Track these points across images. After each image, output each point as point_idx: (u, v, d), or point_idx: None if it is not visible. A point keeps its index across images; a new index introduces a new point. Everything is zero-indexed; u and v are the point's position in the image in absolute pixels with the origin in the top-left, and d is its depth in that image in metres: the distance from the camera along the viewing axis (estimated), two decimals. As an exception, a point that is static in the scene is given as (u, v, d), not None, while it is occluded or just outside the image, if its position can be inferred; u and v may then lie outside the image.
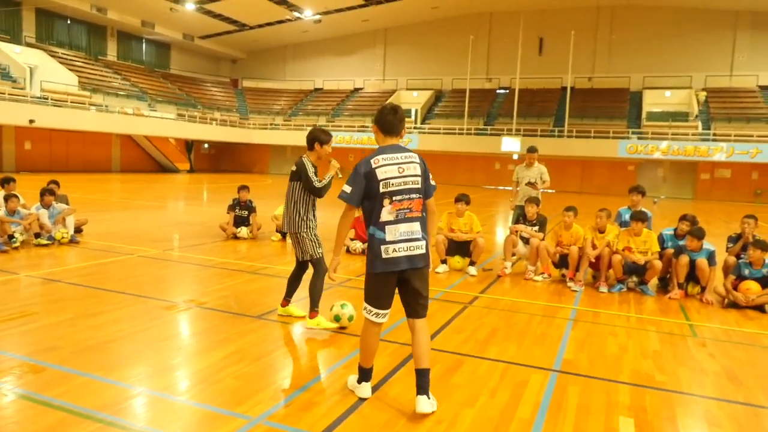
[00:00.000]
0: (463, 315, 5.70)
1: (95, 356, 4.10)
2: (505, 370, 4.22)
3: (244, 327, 4.96)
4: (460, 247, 7.93)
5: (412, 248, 3.38)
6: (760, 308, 6.36)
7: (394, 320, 5.29)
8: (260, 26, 39.28)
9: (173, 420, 3.21)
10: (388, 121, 3.48)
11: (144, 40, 40.32)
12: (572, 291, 7.03)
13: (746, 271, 6.59)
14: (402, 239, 3.36)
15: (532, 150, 8.69)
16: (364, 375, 3.64)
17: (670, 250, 7.12)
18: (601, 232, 7.40)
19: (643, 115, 33.72)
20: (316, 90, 44.99)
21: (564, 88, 35.85)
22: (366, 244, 9.50)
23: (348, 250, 8.75)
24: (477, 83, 38.93)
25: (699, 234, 6.82)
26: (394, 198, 3.35)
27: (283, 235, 9.93)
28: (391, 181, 3.35)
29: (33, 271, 6.75)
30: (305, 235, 4.99)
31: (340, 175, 5.07)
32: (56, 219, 8.62)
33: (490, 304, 6.21)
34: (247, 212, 10.07)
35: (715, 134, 30.37)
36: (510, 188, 9.65)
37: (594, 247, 7.29)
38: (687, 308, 6.42)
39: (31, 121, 25.26)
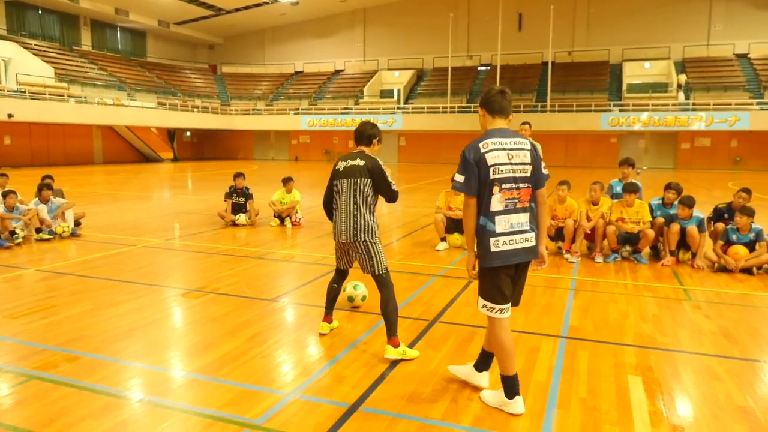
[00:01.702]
0: (469, 289, 5.92)
1: (125, 344, 4.25)
2: (516, 339, 4.45)
3: (262, 310, 5.14)
4: (458, 225, 8.13)
5: (525, 240, 3.18)
6: (748, 271, 6.69)
7: (407, 296, 5.49)
8: (237, 10, 38.74)
9: (213, 398, 3.39)
10: (497, 101, 3.24)
11: (119, 29, 39.59)
12: (569, 262, 7.30)
13: (734, 237, 6.90)
14: (513, 231, 3.15)
15: (526, 123, 8.84)
16: (511, 386, 3.23)
17: (660, 219, 7.40)
18: (595, 204, 7.65)
19: (624, 88, 34.11)
20: (297, 73, 44.64)
21: (545, 63, 36.08)
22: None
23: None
24: (458, 61, 38.98)
25: (689, 202, 7.10)
26: (503, 186, 3.12)
27: (281, 220, 10.06)
28: (500, 167, 3.11)
29: (39, 266, 6.83)
30: (377, 243, 4.15)
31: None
32: (56, 213, 8.65)
33: (493, 278, 6.44)
34: (244, 199, 10.16)
35: (694, 104, 30.87)
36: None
37: (588, 219, 7.54)
38: (680, 274, 6.72)
39: (10, 116, 24.84)
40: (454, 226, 8.17)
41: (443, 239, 8.12)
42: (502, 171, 3.12)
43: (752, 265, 6.66)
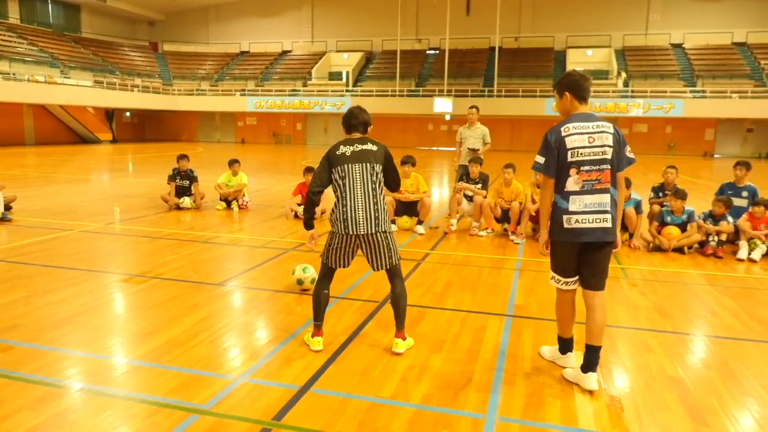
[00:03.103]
0: (417, 271, 6.00)
1: (63, 331, 4.07)
2: (464, 318, 4.56)
3: (209, 294, 5.03)
4: (407, 208, 8.20)
5: (600, 220, 3.27)
6: (680, 250, 7.07)
7: (356, 279, 5.52)
8: (179, -15, 37.28)
9: (158, 385, 3.31)
10: (583, 87, 3.33)
11: (50, 2, 37.35)
12: (515, 244, 7.49)
13: (668, 218, 7.26)
14: (588, 210, 3.26)
15: (473, 107, 8.97)
16: (565, 346, 3.66)
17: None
18: (540, 187, 7.85)
19: (567, 74, 34.99)
20: (243, 53, 43.51)
21: (492, 48, 36.56)
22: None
23: (296, 216, 8.83)
24: (407, 44, 38.96)
25: (626, 184, 7.39)
26: (581, 168, 3.25)
27: (228, 204, 9.85)
28: (580, 150, 3.24)
29: (-32, 252, 6.44)
30: (391, 232, 3.88)
31: None
32: (-17, 197, 8.15)
33: (441, 260, 6.54)
34: (188, 182, 9.87)
35: (633, 91, 32.08)
36: (453, 149, 9.95)
37: (533, 201, 7.75)
38: (618, 253, 6.99)
39: (-70, 92, 23.12)
40: (403, 209, 8.22)
41: (393, 222, 8.16)
42: (581, 154, 3.25)
43: (684, 244, 7.04)
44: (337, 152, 3.80)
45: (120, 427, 2.85)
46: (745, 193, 7.66)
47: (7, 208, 8.68)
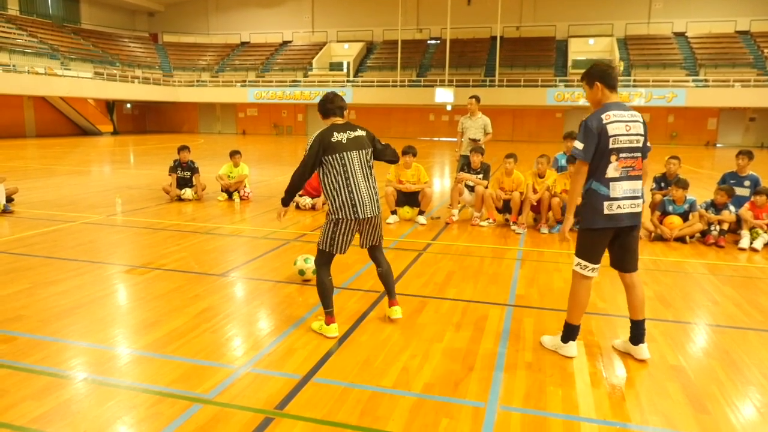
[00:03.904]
0: (419, 261, 6.00)
1: (66, 322, 4.09)
2: (465, 308, 4.56)
3: (211, 285, 5.04)
4: (408, 198, 8.19)
5: (634, 206, 3.43)
6: (681, 240, 7.06)
7: (357, 269, 5.53)
8: (178, -24, 37.06)
9: (161, 375, 3.32)
10: (612, 75, 3.45)
11: (49, -8, 37.19)
12: (516, 233, 7.49)
13: (670, 208, 7.24)
14: (625, 196, 3.40)
15: (473, 97, 8.93)
16: (572, 333, 3.66)
17: (603, 191, 7.67)
18: (541, 177, 7.85)
19: (569, 63, 34.86)
20: (243, 44, 43.33)
21: (493, 38, 36.38)
22: (316, 200, 9.47)
23: (297, 207, 8.83)
24: (408, 34, 38.77)
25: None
26: (620, 155, 3.37)
27: (229, 195, 9.85)
28: (620, 138, 3.36)
29: (-29, 243, 6.45)
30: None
31: None
32: (-15, 189, 8.16)
33: (443, 250, 6.55)
34: (189, 173, 9.87)
35: (635, 80, 31.91)
36: (455, 139, 9.93)
37: (534, 191, 7.74)
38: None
39: (-70, 84, 23.08)
40: (404, 199, 8.21)
41: (394, 212, 8.16)
42: (620, 141, 3.37)
43: (685, 234, 7.03)
44: (333, 139, 3.81)
45: (123, 417, 2.87)
46: (747, 183, 7.65)
47: (9, 200, 8.69)
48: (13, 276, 5.17)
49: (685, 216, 7.15)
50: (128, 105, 38.89)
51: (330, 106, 3.95)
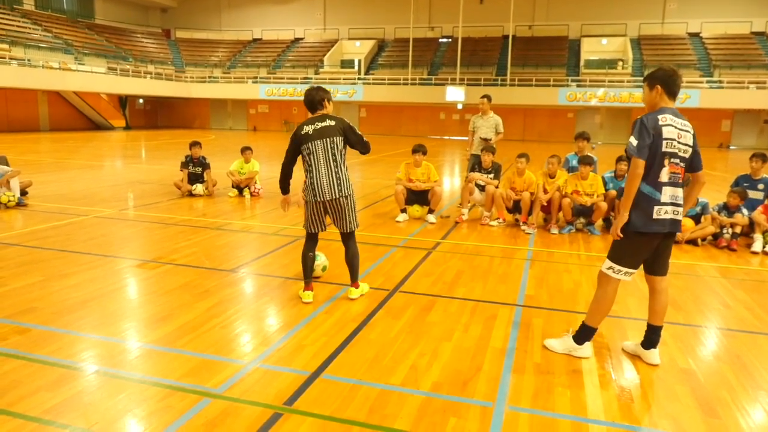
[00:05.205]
0: (428, 260, 6.00)
1: (78, 315, 4.14)
2: (474, 307, 4.56)
3: (221, 280, 5.08)
4: (418, 197, 8.19)
5: (676, 213, 3.42)
6: (693, 242, 7.01)
7: (367, 266, 5.54)
8: (192, -28, 37.18)
9: (171, 369, 3.35)
10: (676, 82, 3.41)
11: (64, -12, 37.47)
12: (526, 234, 7.47)
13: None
14: (671, 202, 3.40)
15: (485, 96, 8.90)
16: (589, 335, 3.66)
17: (613, 192, 7.63)
18: (552, 177, 7.82)
19: (581, 63, 34.64)
20: (255, 40, 43.44)
21: (505, 37, 36.19)
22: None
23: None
24: (420, 32, 38.68)
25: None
26: (672, 160, 3.37)
27: (240, 191, 9.90)
28: (672, 142, 3.35)
29: (-15, 236, 6.53)
30: (354, 199, 4.50)
31: None
32: (0, 182, 8.26)
33: (452, 249, 6.54)
34: (200, 169, 9.93)
35: (647, 81, 31.59)
36: (465, 138, 9.91)
37: (545, 191, 7.71)
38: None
39: (-54, 78, 23.35)
40: (414, 197, 8.21)
41: (403, 211, 8.16)
42: (672, 146, 3.36)
43: (697, 236, 6.98)
44: (302, 132, 4.38)
45: (134, 409, 2.90)
46: (761, 186, 7.57)
47: (23, 193, 8.79)
48: (27, 268, 5.24)
49: (697, 218, 7.09)
50: (140, 100, 39.14)
51: (305, 101, 4.49)
